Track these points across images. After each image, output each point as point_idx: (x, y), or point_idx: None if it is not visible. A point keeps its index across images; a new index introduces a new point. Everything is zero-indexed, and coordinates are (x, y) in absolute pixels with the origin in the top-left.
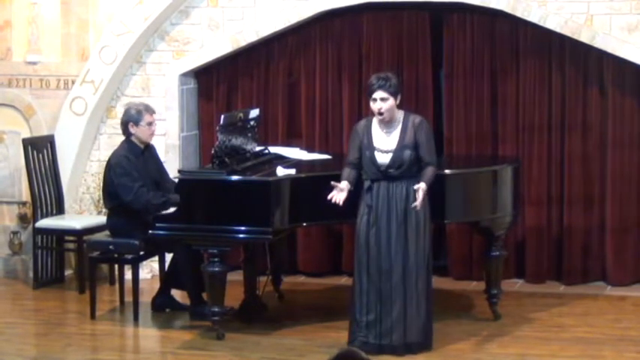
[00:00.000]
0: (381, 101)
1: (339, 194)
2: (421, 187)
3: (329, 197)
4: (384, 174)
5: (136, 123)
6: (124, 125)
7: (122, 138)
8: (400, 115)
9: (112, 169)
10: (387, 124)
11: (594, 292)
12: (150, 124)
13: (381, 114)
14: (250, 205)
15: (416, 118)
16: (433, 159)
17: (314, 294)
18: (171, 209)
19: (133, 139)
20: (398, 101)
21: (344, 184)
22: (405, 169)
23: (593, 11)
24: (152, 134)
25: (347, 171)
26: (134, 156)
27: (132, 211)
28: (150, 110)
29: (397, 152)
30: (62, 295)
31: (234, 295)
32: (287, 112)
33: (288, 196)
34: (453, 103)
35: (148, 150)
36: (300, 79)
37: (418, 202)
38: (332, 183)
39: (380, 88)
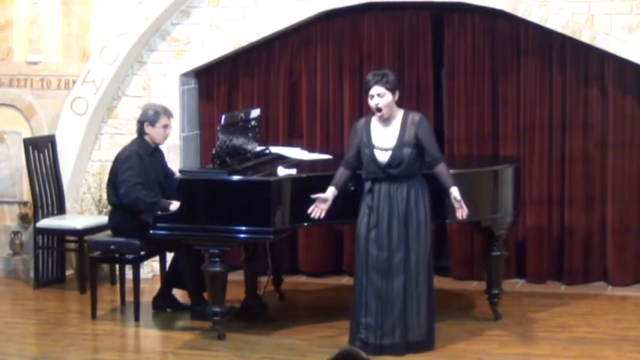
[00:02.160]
0: (378, 97)
1: (320, 205)
2: (454, 193)
3: (309, 211)
4: (384, 172)
5: (152, 124)
6: (140, 124)
7: (123, 138)
8: (399, 112)
9: (120, 162)
10: (386, 121)
11: (595, 292)
12: (165, 126)
13: (379, 110)
14: (251, 205)
15: (415, 116)
16: (439, 154)
17: (315, 294)
18: (159, 213)
19: (147, 138)
20: (396, 97)
21: (329, 193)
22: (404, 167)
23: (594, 11)
24: (166, 137)
25: (340, 171)
26: (145, 154)
27: (126, 207)
28: (168, 113)
29: (396, 150)
30: (63, 295)
31: (234, 295)
32: (288, 112)
33: (289, 196)
34: (453, 102)
35: (158, 151)
36: (301, 79)
37: (463, 208)
38: (312, 197)
39: (376, 83)
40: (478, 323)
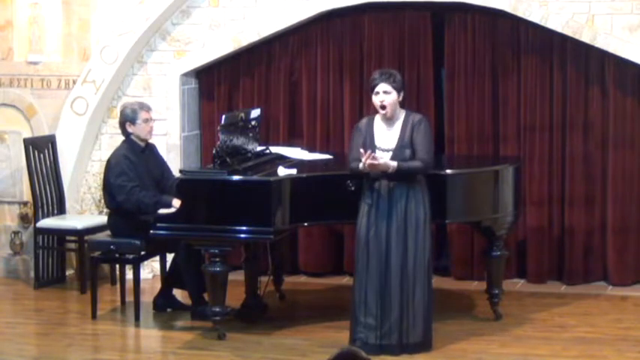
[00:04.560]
0: (384, 94)
1: (372, 159)
2: (389, 162)
3: (367, 155)
4: (385, 173)
5: (133, 122)
6: (122, 126)
7: (123, 138)
8: (402, 113)
9: (110, 168)
10: (389, 121)
11: (596, 292)
12: (146, 120)
13: (383, 107)
14: (251, 205)
15: (416, 117)
16: (425, 157)
17: (315, 294)
18: (163, 210)
19: (133, 137)
20: (401, 98)
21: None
22: None
23: (595, 11)
24: (150, 131)
25: (355, 164)
26: (134, 155)
27: (129, 212)
28: (145, 107)
29: (397, 151)
30: (63, 295)
31: (235, 295)
32: (288, 112)
33: (289, 196)
34: (454, 102)
35: (149, 149)
36: (302, 79)
37: (371, 160)
38: (368, 152)
39: (383, 81)
40: (478, 323)
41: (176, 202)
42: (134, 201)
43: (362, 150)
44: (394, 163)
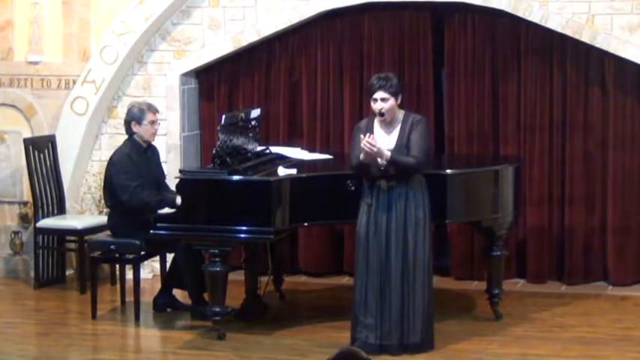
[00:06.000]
0: (382, 101)
1: (371, 142)
2: (384, 150)
3: (367, 139)
4: (384, 173)
5: (139, 122)
6: (127, 124)
7: (123, 138)
8: (401, 114)
9: (113, 166)
10: (388, 124)
11: (596, 292)
12: (152, 122)
13: (382, 114)
14: (251, 205)
15: (415, 118)
16: (418, 154)
17: (315, 294)
18: (167, 209)
19: (136, 137)
20: (399, 101)
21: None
22: None
23: (595, 11)
24: (154, 133)
25: (358, 161)
26: (137, 154)
27: (132, 211)
28: (152, 109)
29: (395, 151)
30: (63, 295)
31: (235, 295)
32: (288, 112)
33: (289, 196)
34: (454, 102)
35: (151, 150)
36: (302, 79)
37: (369, 140)
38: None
39: (380, 88)
40: (478, 323)
41: (179, 200)
42: (138, 200)
43: (362, 135)
44: (388, 153)
